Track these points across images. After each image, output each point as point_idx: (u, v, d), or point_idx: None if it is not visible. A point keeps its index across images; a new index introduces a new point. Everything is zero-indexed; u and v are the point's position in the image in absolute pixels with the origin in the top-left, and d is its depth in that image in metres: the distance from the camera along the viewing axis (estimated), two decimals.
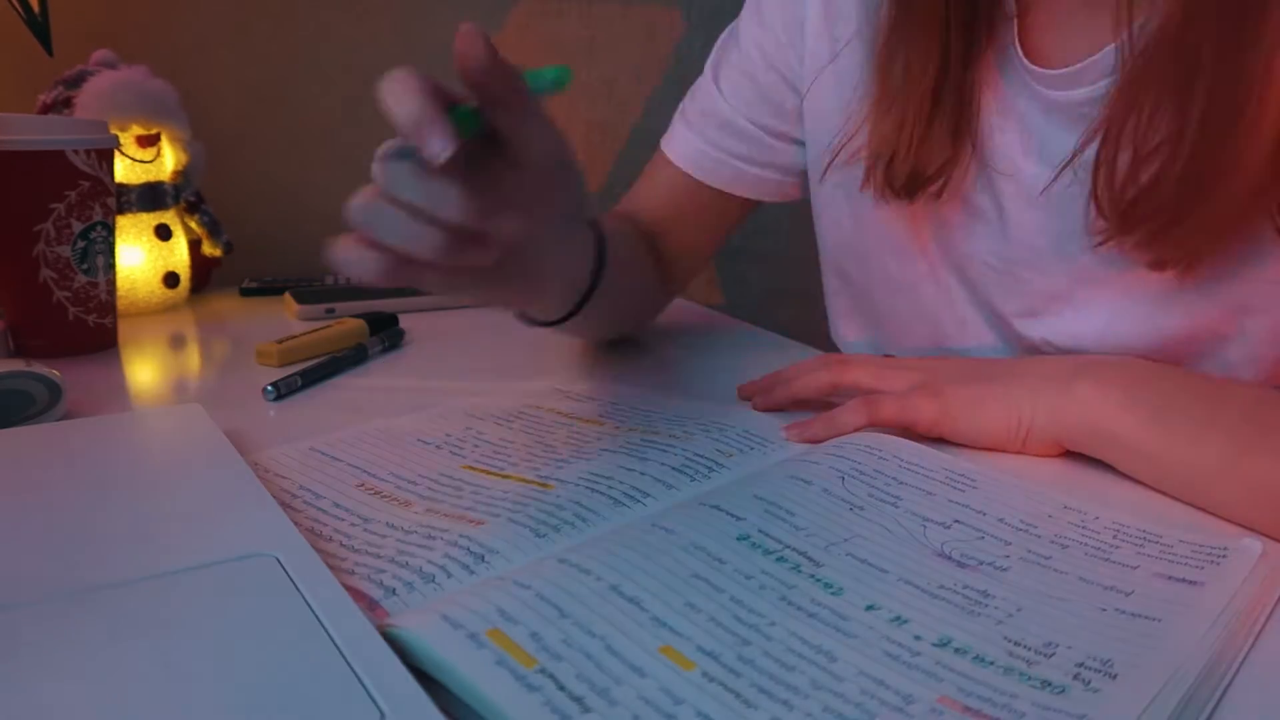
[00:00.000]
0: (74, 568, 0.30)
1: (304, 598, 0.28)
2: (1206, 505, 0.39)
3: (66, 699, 0.24)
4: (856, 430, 0.46)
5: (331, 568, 0.31)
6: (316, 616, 0.27)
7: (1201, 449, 0.39)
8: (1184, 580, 0.33)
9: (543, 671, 0.25)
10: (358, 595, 0.30)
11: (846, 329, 0.64)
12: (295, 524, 0.34)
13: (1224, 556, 0.35)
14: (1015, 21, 0.49)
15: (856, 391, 0.48)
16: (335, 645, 0.26)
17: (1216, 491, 0.39)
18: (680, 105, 0.66)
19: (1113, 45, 0.44)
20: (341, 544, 0.34)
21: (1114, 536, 0.36)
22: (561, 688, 0.24)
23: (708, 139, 0.63)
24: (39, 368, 0.47)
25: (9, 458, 0.40)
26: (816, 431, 0.46)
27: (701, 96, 0.64)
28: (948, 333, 0.56)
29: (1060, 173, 0.47)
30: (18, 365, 0.47)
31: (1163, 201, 0.42)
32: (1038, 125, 0.49)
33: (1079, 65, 0.45)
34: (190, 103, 0.79)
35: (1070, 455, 0.44)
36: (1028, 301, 0.52)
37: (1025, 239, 0.51)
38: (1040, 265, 0.50)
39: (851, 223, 0.59)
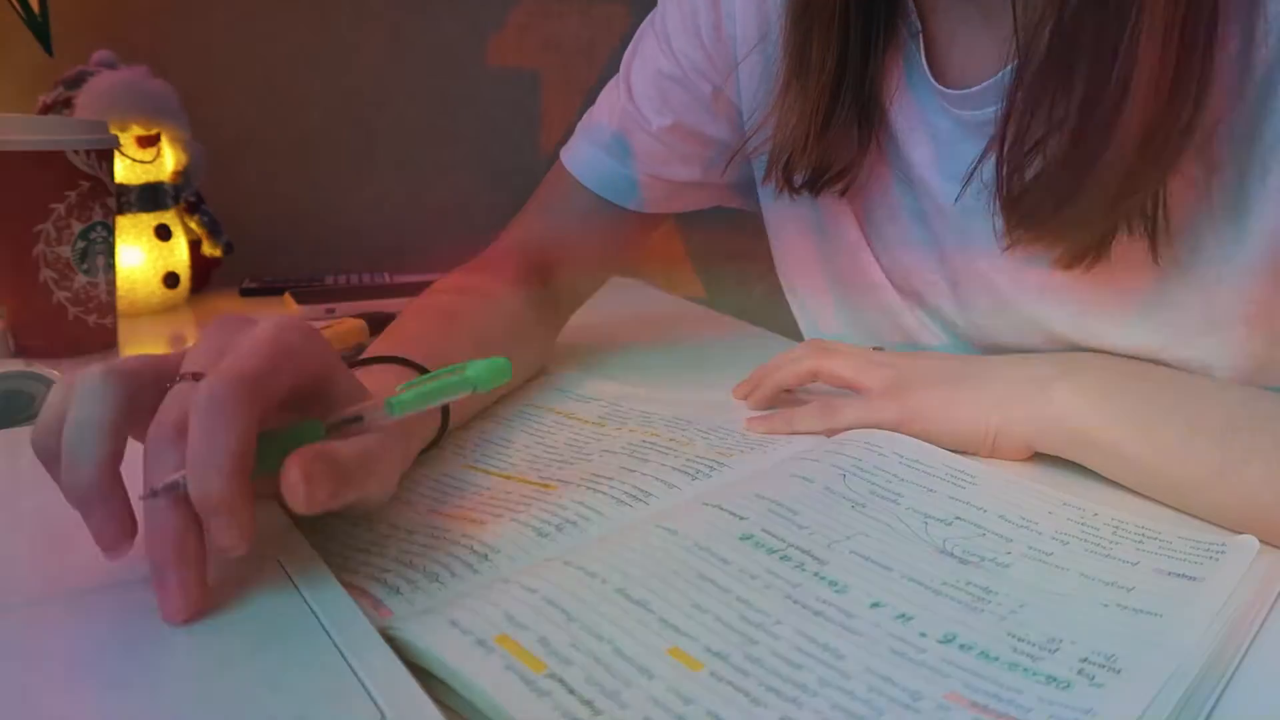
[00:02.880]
0: (74, 568, 0.30)
1: (304, 598, 0.28)
2: (1196, 512, 0.39)
3: (67, 699, 0.24)
4: (813, 434, 0.46)
5: (335, 567, 0.31)
6: (316, 616, 0.27)
7: (1188, 456, 0.38)
8: (1183, 576, 0.33)
9: (552, 676, 0.25)
10: (362, 595, 0.30)
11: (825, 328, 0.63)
12: (296, 523, 0.34)
13: (1222, 552, 0.35)
14: (921, 39, 0.48)
15: (838, 380, 0.49)
16: (335, 645, 0.26)
17: (1206, 499, 0.38)
18: (588, 121, 0.61)
19: (1012, 65, 0.43)
20: (345, 543, 0.34)
21: (1113, 533, 0.36)
22: (571, 691, 0.24)
23: (638, 167, 0.58)
24: (39, 368, 0.47)
25: (9, 458, 0.40)
26: (776, 427, 0.47)
27: (621, 118, 0.58)
28: (913, 332, 0.56)
29: (966, 186, 0.45)
30: (18, 365, 0.47)
31: (1048, 190, 0.41)
32: (950, 140, 0.48)
33: (982, 86, 0.45)
34: (190, 103, 0.79)
35: None
36: (967, 314, 0.52)
37: (949, 256, 0.51)
38: (965, 281, 0.50)
39: (804, 234, 0.59)
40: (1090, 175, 0.39)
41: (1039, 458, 0.44)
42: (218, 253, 0.84)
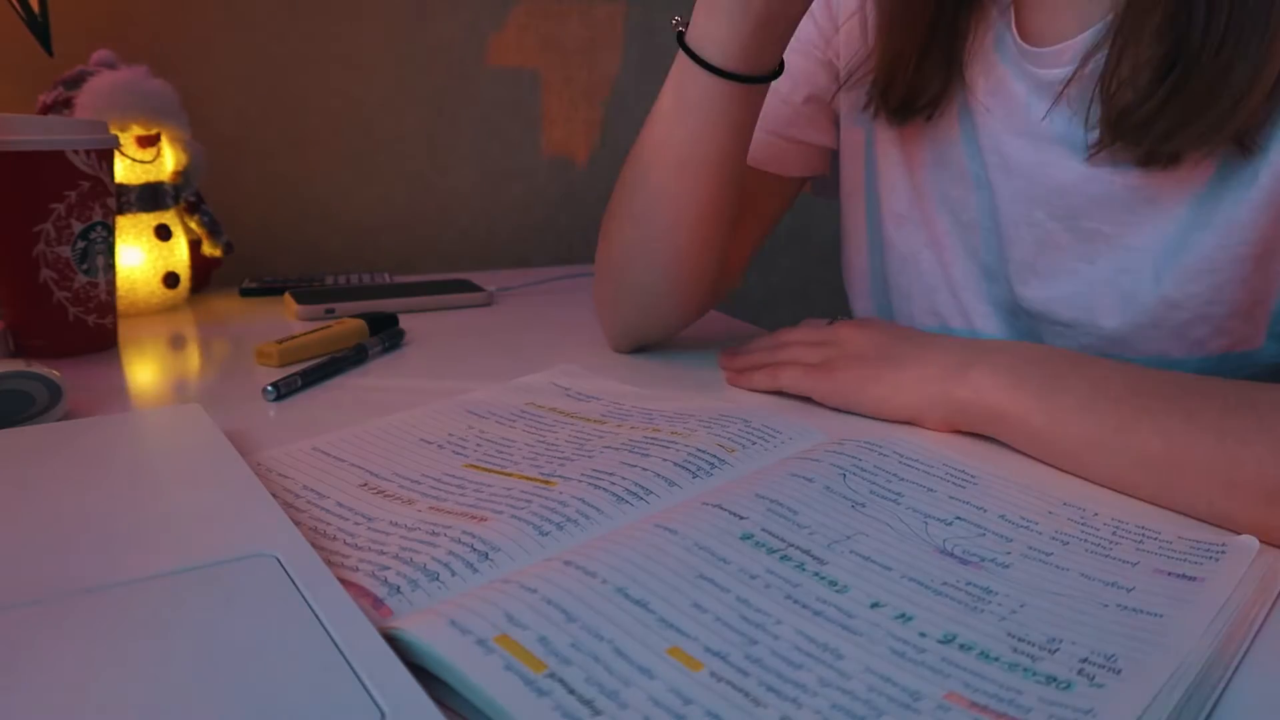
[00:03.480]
0: (74, 568, 0.30)
1: (304, 598, 0.28)
2: (1090, 476, 0.42)
3: (66, 699, 0.24)
4: (766, 391, 0.55)
5: (335, 565, 0.31)
6: (316, 616, 0.27)
7: (1085, 419, 0.42)
8: (1184, 576, 0.33)
9: (552, 676, 0.25)
10: (362, 593, 0.30)
11: (861, 309, 0.70)
12: (298, 523, 0.34)
13: (1222, 553, 0.35)
14: (1012, 8, 0.53)
15: (794, 389, 0.54)
16: (335, 645, 0.26)
17: (1100, 462, 0.41)
18: None
19: (1099, 24, 0.48)
20: (345, 542, 0.34)
21: (1113, 533, 0.36)
22: (571, 691, 0.24)
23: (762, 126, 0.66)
24: (39, 368, 0.47)
25: (9, 458, 0.40)
26: (739, 381, 0.57)
27: None
28: (944, 312, 0.61)
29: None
30: (18, 365, 0.46)
31: (1162, 112, 0.45)
32: (1025, 103, 0.53)
33: (1066, 43, 0.50)
34: (190, 103, 0.79)
35: None
36: (1005, 269, 0.57)
37: (1003, 206, 0.55)
38: (1012, 233, 0.55)
39: (864, 200, 0.65)
40: (1215, 105, 0.44)
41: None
42: (218, 253, 0.84)
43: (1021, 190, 0.54)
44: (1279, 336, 0.49)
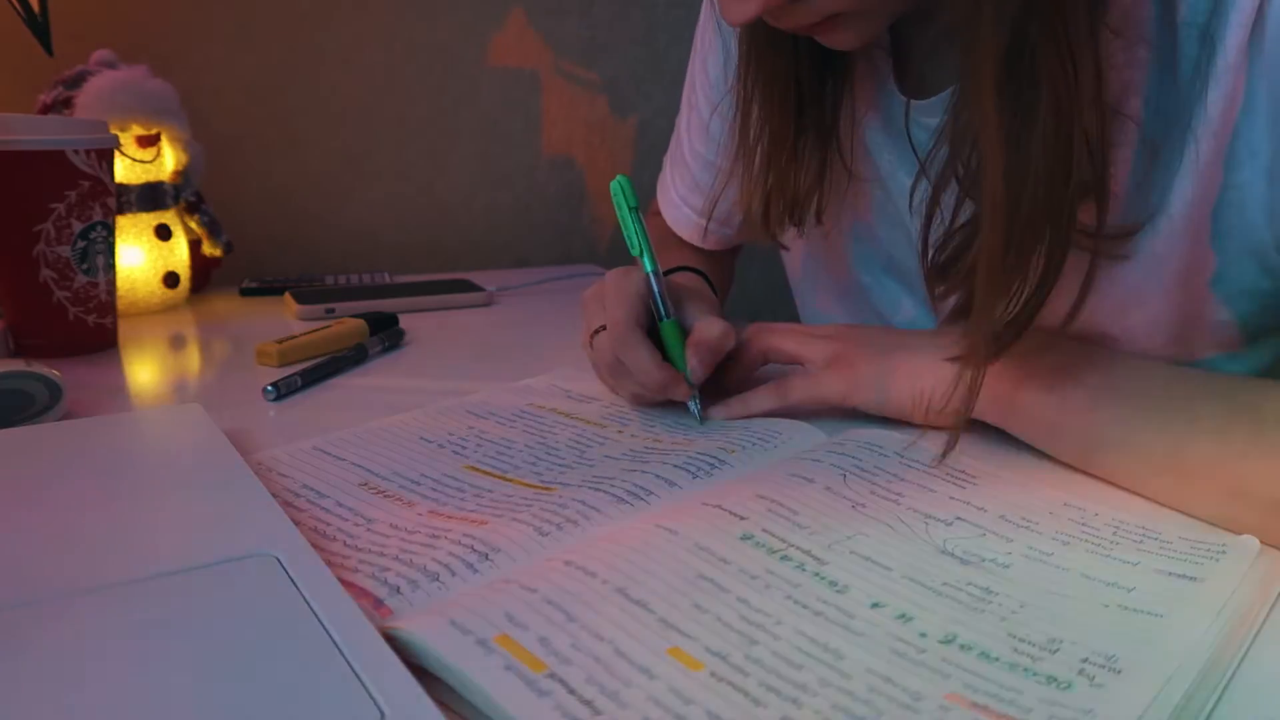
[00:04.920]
0: (74, 568, 0.30)
1: (304, 598, 0.28)
2: (1096, 472, 0.41)
3: (66, 699, 0.24)
4: (769, 412, 0.49)
5: (335, 566, 0.31)
6: (316, 616, 0.27)
7: (1092, 419, 0.41)
8: (1184, 576, 0.33)
9: (552, 676, 0.25)
10: (362, 594, 0.30)
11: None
12: (298, 523, 0.34)
13: (1222, 553, 0.35)
14: (890, 60, 0.51)
15: (783, 355, 0.52)
16: (335, 645, 0.26)
17: (1109, 459, 0.41)
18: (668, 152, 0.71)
19: (946, 92, 0.46)
20: (345, 543, 0.34)
21: (1114, 533, 0.36)
22: (572, 691, 0.24)
23: (683, 200, 0.69)
24: (39, 368, 0.47)
25: (9, 458, 0.40)
26: (734, 410, 0.49)
27: (674, 145, 0.70)
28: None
29: (915, 185, 0.48)
30: (18, 365, 0.46)
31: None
32: (920, 143, 0.49)
33: (936, 97, 0.47)
34: (190, 103, 0.79)
35: None
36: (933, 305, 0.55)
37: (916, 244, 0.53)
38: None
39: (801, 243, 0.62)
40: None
41: (1038, 458, 0.44)
42: (218, 252, 0.84)
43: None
44: (1254, 339, 0.47)
